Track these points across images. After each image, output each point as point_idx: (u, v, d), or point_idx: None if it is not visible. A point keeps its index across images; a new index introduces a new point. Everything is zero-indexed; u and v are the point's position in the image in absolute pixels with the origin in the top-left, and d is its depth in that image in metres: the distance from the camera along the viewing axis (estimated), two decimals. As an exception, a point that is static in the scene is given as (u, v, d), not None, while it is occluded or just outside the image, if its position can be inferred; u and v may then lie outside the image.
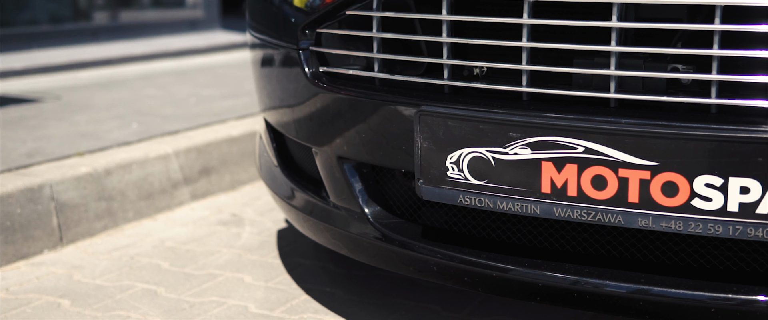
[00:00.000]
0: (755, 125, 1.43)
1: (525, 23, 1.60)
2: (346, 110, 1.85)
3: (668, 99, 1.51)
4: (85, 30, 7.04)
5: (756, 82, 1.46)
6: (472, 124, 1.61)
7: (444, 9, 1.68)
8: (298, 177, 2.17)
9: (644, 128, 1.48)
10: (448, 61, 1.70)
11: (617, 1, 1.51)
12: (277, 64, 2.06)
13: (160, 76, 5.48)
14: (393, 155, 1.78)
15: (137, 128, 3.59)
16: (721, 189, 1.44)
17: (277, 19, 2.05)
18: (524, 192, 1.60)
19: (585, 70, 1.57)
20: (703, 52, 1.47)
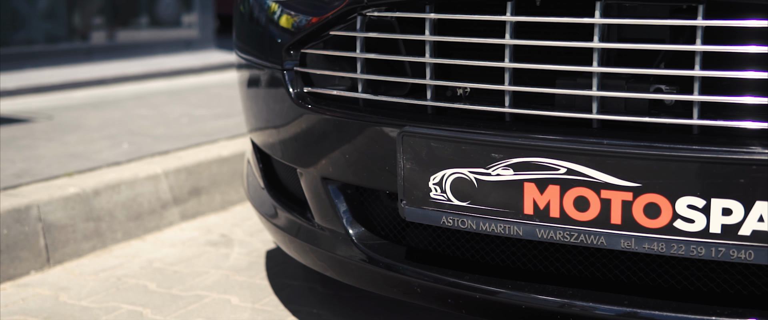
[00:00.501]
0: (737, 146, 1.42)
1: (507, 44, 1.59)
2: (330, 131, 1.84)
3: (650, 120, 1.50)
4: (79, 50, 7.04)
5: (737, 102, 1.46)
6: (455, 144, 1.61)
7: (427, 30, 1.68)
8: (284, 198, 2.16)
9: (626, 149, 1.47)
10: (431, 81, 1.70)
11: (598, 22, 1.51)
12: (262, 85, 2.05)
13: (154, 96, 5.48)
14: (377, 176, 1.77)
15: (128, 148, 3.58)
16: (704, 210, 1.44)
17: (262, 39, 2.04)
18: (507, 213, 1.59)
19: (566, 91, 1.56)
20: (685, 73, 1.47)
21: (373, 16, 1.78)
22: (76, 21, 7.24)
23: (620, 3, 1.58)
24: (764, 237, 1.41)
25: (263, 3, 2.06)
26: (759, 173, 1.39)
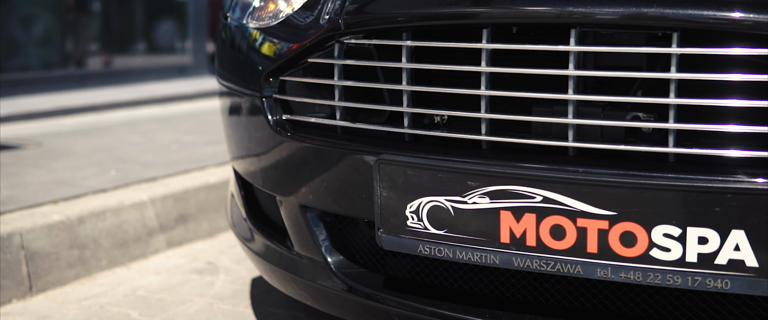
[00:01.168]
0: (712, 174, 1.41)
1: (483, 71, 1.59)
2: (309, 158, 1.83)
3: (625, 148, 1.50)
4: (72, 76, 7.05)
5: (713, 130, 1.45)
6: (431, 172, 1.60)
7: (403, 57, 1.67)
8: (266, 226, 2.15)
9: (601, 177, 1.46)
10: (408, 109, 1.69)
11: (573, 49, 1.51)
12: (242, 113, 2.04)
13: (145, 123, 5.47)
14: (355, 204, 1.76)
15: (115, 175, 3.57)
16: (680, 239, 1.42)
17: (242, 66, 2.04)
18: (483, 241, 1.57)
19: (542, 119, 1.56)
20: (659, 101, 1.46)
21: (351, 44, 1.77)
22: (70, 48, 7.25)
23: (596, 30, 1.58)
24: (740, 266, 1.39)
25: (244, 30, 2.05)
26: (734, 201, 1.38)
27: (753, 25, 1.39)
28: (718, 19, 1.40)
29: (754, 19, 1.39)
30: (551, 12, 1.52)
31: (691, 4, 1.42)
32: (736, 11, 1.40)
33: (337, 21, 1.75)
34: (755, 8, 1.39)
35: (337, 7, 1.78)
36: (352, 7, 1.75)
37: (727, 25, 1.41)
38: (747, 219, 1.38)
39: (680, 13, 1.42)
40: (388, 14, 1.71)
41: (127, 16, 7.90)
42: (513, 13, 1.56)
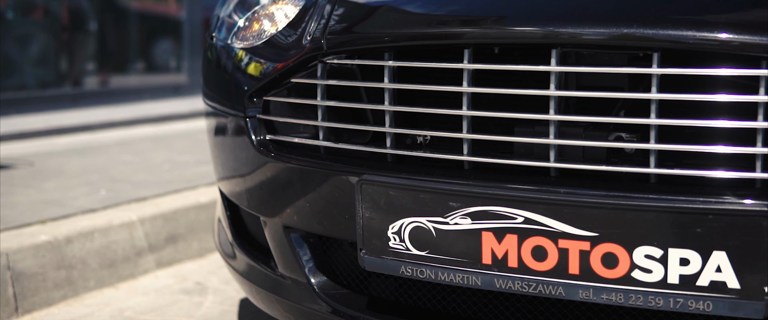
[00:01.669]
0: (693, 195, 1.40)
1: (464, 91, 1.58)
2: (292, 179, 1.82)
3: (606, 168, 1.49)
4: (66, 96, 7.05)
5: (695, 151, 1.44)
6: (413, 193, 1.59)
7: (386, 77, 1.67)
8: (251, 247, 2.14)
9: (582, 198, 1.45)
10: (390, 129, 1.68)
11: (555, 70, 1.50)
12: (227, 133, 2.03)
13: (139, 142, 5.46)
14: (338, 225, 1.75)
15: (105, 195, 3.56)
16: (661, 260, 1.41)
17: (227, 86, 2.03)
18: (465, 263, 1.56)
19: (523, 139, 1.55)
20: (640, 121, 1.46)
21: (334, 64, 1.77)
22: (64, 67, 7.25)
23: (579, 51, 1.58)
24: (722, 287, 1.38)
25: (229, 50, 2.05)
26: (715, 222, 1.37)
27: (734, 46, 1.38)
28: (698, 40, 1.40)
29: (734, 39, 1.38)
30: (532, 32, 1.52)
31: (670, 25, 1.42)
32: (716, 32, 1.39)
33: (320, 41, 1.75)
34: (735, 29, 1.39)
35: (320, 28, 1.78)
36: (335, 28, 1.75)
37: (707, 46, 1.41)
38: (728, 240, 1.37)
39: (660, 33, 1.42)
40: (371, 34, 1.70)
41: (123, 36, 7.92)
42: (494, 33, 1.56)
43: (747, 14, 1.41)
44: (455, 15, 1.63)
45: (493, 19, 1.58)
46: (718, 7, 1.45)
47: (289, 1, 2.01)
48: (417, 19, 1.67)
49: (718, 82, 1.51)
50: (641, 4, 1.48)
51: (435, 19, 1.66)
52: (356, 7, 1.80)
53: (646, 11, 1.45)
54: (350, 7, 1.80)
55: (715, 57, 1.45)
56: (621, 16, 1.46)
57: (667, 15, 1.44)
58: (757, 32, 1.37)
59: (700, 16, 1.43)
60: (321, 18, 1.81)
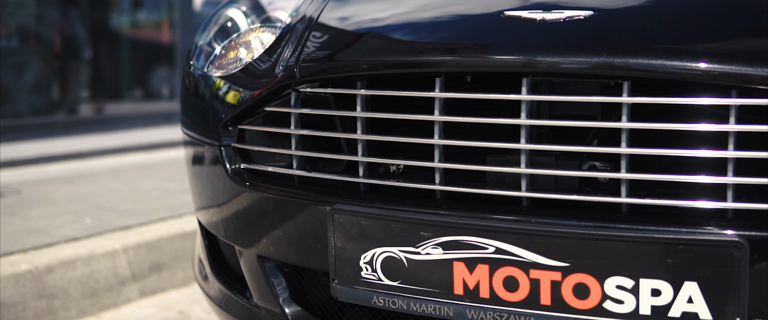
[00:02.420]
0: (664, 225, 1.39)
1: (436, 120, 1.57)
2: (266, 208, 1.81)
3: (576, 198, 1.47)
4: (57, 123, 7.04)
5: (665, 180, 1.43)
6: (385, 222, 1.57)
7: (358, 106, 1.66)
8: (227, 276, 2.12)
9: (553, 228, 1.44)
10: (362, 158, 1.67)
11: (525, 98, 1.49)
12: (203, 162, 2.02)
13: (129, 170, 5.45)
14: (311, 255, 1.73)
15: (90, 223, 3.54)
16: (633, 291, 1.40)
17: (203, 115, 2.02)
18: (437, 293, 1.55)
19: (494, 168, 1.54)
20: (611, 150, 1.44)
21: (308, 92, 1.76)
22: (56, 95, 7.25)
23: (551, 79, 1.57)
24: (694, 318, 1.37)
25: (206, 78, 2.04)
26: (687, 253, 1.36)
27: (704, 75, 1.38)
28: (668, 69, 1.39)
29: (704, 68, 1.37)
30: (502, 61, 1.51)
31: (640, 54, 1.41)
32: (686, 61, 1.39)
33: (293, 69, 1.74)
34: (704, 58, 1.38)
35: (294, 56, 1.77)
36: (308, 56, 1.74)
37: (677, 75, 1.40)
38: (700, 270, 1.36)
39: (629, 62, 1.41)
40: (343, 63, 1.70)
41: (115, 63, 7.92)
42: (465, 61, 1.55)
43: (716, 44, 1.41)
44: (427, 44, 1.63)
45: (464, 48, 1.57)
46: (688, 37, 1.44)
47: (266, 28, 2.00)
48: (389, 48, 1.67)
49: (699, 110, 1.50)
50: (611, 34, 1.47)
51: (406, 47, 1.65)
52: (330, 34, 1.79)
53: (616, 40, 1.45)
54: (324, 35, 1.79)
55: (692, 85, 1.44)
56: (591, 45, 1.46)
57: (637, 44, 1.43)
58: (726, 61, 1.37)
59: (670, 46, 1.42)
60: (295, 46, 1.81)
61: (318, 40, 1.78)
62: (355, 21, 1.81)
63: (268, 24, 2.03)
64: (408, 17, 1.73)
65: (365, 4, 1.88)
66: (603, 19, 1.51)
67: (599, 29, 1.49)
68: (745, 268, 1.33)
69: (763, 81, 1.34)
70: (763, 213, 1.40)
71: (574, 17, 1.52)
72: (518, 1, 1.65)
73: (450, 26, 1.66)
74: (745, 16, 1.46)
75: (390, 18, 1.75)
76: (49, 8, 7.13)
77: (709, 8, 1.50)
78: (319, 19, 1.85)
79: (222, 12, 2.24)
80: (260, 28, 2.02)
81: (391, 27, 1.73)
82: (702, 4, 1.52)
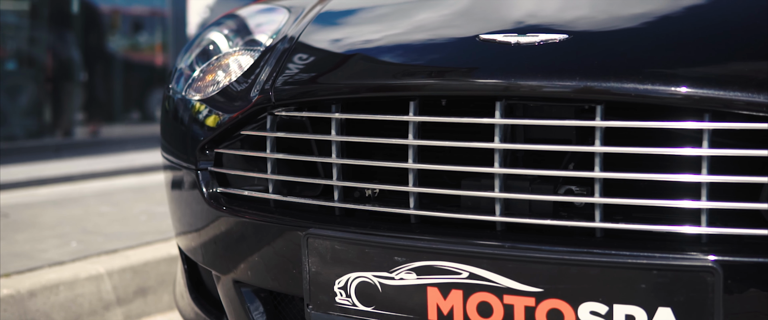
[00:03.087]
0: (637, 250, 1.38)
1: (410, 144, 1.56)
2: (242, 233, 1.79)
3: (550, 222, 1.46)
4: (48, 146, 7.02)
5: (639, 204, 1.42)
6: (359, 247, 1.56)
7: (333, 129, 1.64)
8: (205, 301, 2.10)
9: (527, 253, 1.43)
10: (336, 182, 1.65)
11: (499, 122, 1.48)
12: (181, 186, 2.01)
13: (119, 193, 5.43)
14: (286, 280, 1.71)
15: (76, 247, 3.51)
16: (607, 317, 1.38)
17: (181, 139, 2.01)
18: (411, 319, 1.53)
19: (469, 193, 1.52)
20: (584, 175, 1.43)
21: (284, 116, 1.75)
22: (48, 117, 7.24)
23: (526, 103, 1.56)
24: (668, 345, 1.35)
25: (184, 102, 2.03)
26: (660, 278, 1.35)
27: (677, 99, 1.37)
28: (640, 93, 1.38)
29: (677, 92, 1.36)
30: (475, 85, 1.50)
31: (613, 78, 1.40)
32: (659, 85, 1.38)
33: (269, 93, 1.73)
34: (677, 82, 1.37)
35: (270, 79, 1.76)
36: (283, 79, 1.73)
37: (650, 99, 1.39)
38: (673, 296, 1.34)
39: (602, 86, 1.40)
40: (318, 87, 1.69)
41: (109, 86, 7.92)
42: (438, 85, 1.54)
43: (689, 68, 1.40)
44: (401, 67, 1.62)
45: (438, 72, 1.57)
46: (662, 61, 1.43)
47: (246, 51, 2.00)
48: (363, 71, 1.66)
49: (687, 134, 1.49)
50: (585, 57, 1.46)
51: (380, 71, 1.64)
52: (306, 58, 1.78)
53: (590, 64, 1.44)
54: (300, 58, 1.78)
55: (677, 110, 1.43)
56: (564, 69, 1.45)
57: (610, 68, 1.42)
58: (700, 86, 1.36)
59: (643, 69, 1.41)
60: (272, 69, 1.80)
61: (294, 64, 1.77)
62: (331, 45, 1.80)
63: (248, 47, 2.02)
64: (383, 41, 1.73)
65: (343, 28, 1.88)
66: (577, 43, 1.51)
67: (573, 53, 1.48)
68: (719, 294, 1.32)
69: (732, 104, 1.33)
70: (737, 238, 1.39)
71: (549, 41, 1.52)
72: (495, 24, 1.65)
73: (425, 50, 1.65)
74: (719, 40, 1.45)
75: (365, 42, 1.75)
76: (43, 31, 7.14)
77: (684, 33, 1.49)
78: (296, 42, 1.85)
79: (204, 35, 2.23)
80: (239, 51, 2.01)
81: (366, 50, 1.72)
82: (676, 29, 1.51)
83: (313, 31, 1.87)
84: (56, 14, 7.18)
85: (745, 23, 1.48)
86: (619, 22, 1.57)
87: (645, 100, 1.38)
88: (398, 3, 1.93)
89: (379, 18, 1.86)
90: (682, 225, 1.41)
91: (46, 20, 7.08)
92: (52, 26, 7.19)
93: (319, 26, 1.89)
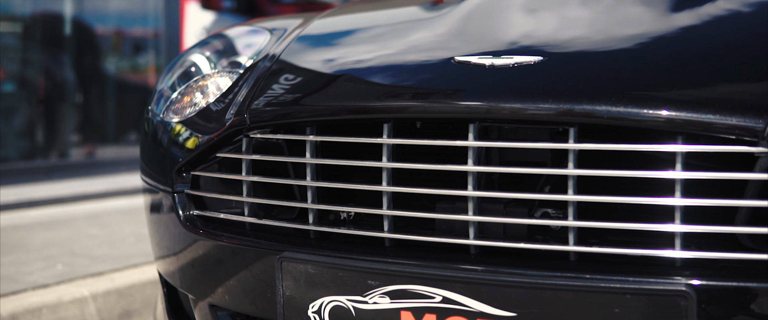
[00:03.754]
0: (611, 274, 1.36)
1: (384, 167, 1.55)
2: (219, 256, 1.77)
3: (523, 246, 1.45)
4: (39, 168, 7.00)
5: (612, 228, 1.40)
6: (332, 271, 1.54)
7: (307, 152, 1.63)
8: (184, 325, 2.08)
9: (500, 276, 1.41)
10: (310, 205, 1.64)
11: (472, 145, 1.47)
12: (159, 210, 1.99)
13: (109, 215, 5.40)
14: (262, 304, 1.69)
15: (61, 270, 3.49)
16: (580, 341, 1.36)
17: (160, 161, 1.99)
18: (385, 343, 1.51)
19: (442, 216, 1.51)
20: (556, 198, 1.42)
21: (260, 138, 1.73)
22: (40, 139, 7.23)
23: (501, 126, 1.55)
24: (642, 370, 1.33)
25: (163, 124, 2.02)
26: (634, 303, 1.33)
27: (649, 122, 1.36)
28: (613, 115, 1.37)
29: (649, 115, 1.35)
30: (449, 107, 1.49)
31: (586, 100, 1.39)
32: (632, 107, 1.37)
33: (244, 115, 1.72)
34: (648, 105, 1.36)
35: (246, 101, 1.75)
36: (258, 102, 1.72)
37: (624, 121, 1.38)
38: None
39: (575, 108, 1.39)
40: (292, 109, 1.68)
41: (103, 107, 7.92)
42: (412, 107, 1.53)
43: (662, 91, 1.39)
44: (374, 90, 1.61)
45: (413, 94, 1.56)
46: (635, 84, 1.43)
47: (225, 73, 1.99)
48: (337, 94, 1.65)
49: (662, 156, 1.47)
50: (558, 80, 1.46)
51: (355, 93, 1.63)
52: (282, 80, 1.77)
53: (563, 86, 1.43)
54: (276, 81, 1.77)
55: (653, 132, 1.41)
56: (537, 91, 1.44)
57: (583, 90, 1.41)
58: (672, 108, 1.35)
59: (616, 92, 1.40)
60: (248, 91, 1.79)
61: (270, 86, 1.76)
62: (307, 67, 1.79)
63: (229, 68, 2.01)
64: (358, 64, 1.72)
65: (320, 51, 1.87)
66: (551, 65, 1.50)
67: (546, 75, 1.48)
68: (693, 319, 1.30)
69: (705, 127, 1.32)
70: (713, 262, 1.37)
71: (524, 63, 1.51)
72: (470, 46, 1.64)
73: (399, 72, 1.64)
74: (692, 64, 1.45)
75: (340, 65, 1.74)
76: (35, 52, 7.14)
77: (657, 56, 1.49)
78: (273, 64, 1.84)
79: (186, 56, 2.22)
80: (218, 73, 2.00)
81: (340, 73, 1.72)
82: (649, 52, 1.51)
83: (291, 54, 1.86)
84: (49, 36, 7.18)
85: (716, 48, 1.48)
86: (593, 44, 1.56)
87: (617, 123, 1.37)
88: (375, 27, 1.93)
89: (355, 41, 1.86)
90: (657, 248, 1.39)
91: (39, 42, 7.08)
92: (45, 48, 7.18)
93: (296, 49, 1.88)
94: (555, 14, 1.76)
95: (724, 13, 1.59)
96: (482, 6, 1.84)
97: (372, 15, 2.11)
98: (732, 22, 1.54)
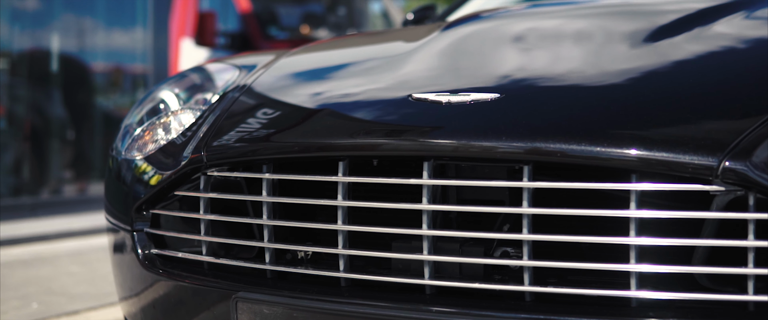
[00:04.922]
0: (567, 314, 1.33)
1: (339, 205, 1.52)
2: (180, 297, 1.75)
3: (478, 286, 1.42)
4: (23, 205, 6.96)
5: (565, 267, 1.38)
6: (288, 311, 1.51)
7: (264, 190, 1.61)
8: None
9: (454, 317, 1.38)
10: (267, 244, 1.61)
11: (427, 183, 1.45)
12: (122, 249, 1.96)
13: (93, 252, 5.36)
14: (219, 345, 1.66)
15: (36, 308, 3.45)
16: (536, 384, 1.33)
17: (123, 199, 1.97)
18: (339, 386, 1.48)
19: (398, 255, 1.48)
20: (512, 237, 1.40)
21: (219, 176, 1.71)
22: (25, 176, 7.20)
23: (458, 163, 1.52)
24: None
25: (126, 162, 1.99)
26: (588, 343, 1.30)
27: (601, 160, 1.34)
28: (567, 154, 1.35)
29: (602, 153, 1.33)
30: (403, 145, 1.47)
31: (540, 138, 1.37)
32: (585, 145, 1.35)
33: (201, 153, 1.70)
34: (601, 143, 1.34)
35: (203, 139, 1.73)
36: (216, 140, 1.70)
37: (579, 159, 1.36)
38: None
39: (529, 146, 1.37)
40: (248, 147, 1.66)
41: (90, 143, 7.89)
42: (366, 145, 1.51)
43: (615, 130, 1.37)
44: (330, 128, 1.59)
45: (369, 132, 1.54)
46: (588, 123, 1.41)
47: (189, 109, 1.97)
48: (294, 131, 1.63)
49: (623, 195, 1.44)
50: (513, 117, 1.44)
51: (311, 130, 1.61)
52: (240, 118, 1.76)
53: (517, 124, 1.41)
54: (235, 118, 1.76)
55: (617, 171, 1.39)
56: (491, 129, 1.42)
57: (537, 128, 1.39)
58: (625, 146, 1.33)
59: (569, 130, 1.38)
60: (208, 128, 1.77)
61: (229, 123, 1.74)
62: (265, 105, 1.78)
63: (193, 105, 1.99)
64: (316, 102, 1.70)
65: (279, 90, 1.85)
66: (508, 103, 1.48)
67: (502, 112, 1.46)
68: (648, 361, 1.27)
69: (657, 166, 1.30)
70: (669, 303, 1.35)
71: (480, 100, 1.49)
72: (429, 83, 1.62)
73: (357, 109, 1.63)
74: (644, 102, 1.44)
75: (299, 103, 1.73)
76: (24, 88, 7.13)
77: (612, 95, 1.48)
78: (234, 102, 1.82)
79: (155, 93, 2.20)
80: (182, 110, 1.98)
81: (297, 111, 1.70)
82: (604, 91, 1.50)
83: (252, 91, 1.84)
84: (35, 72, 7.18)
85: (672, 86, 1.47)
86: (550, 82, 1.55)
87: (571, 161, 1.35)
88: (339, 65, 1.92)
89: (317, 79, 1.85)
90: (613, 289, 1.36)
91: (26, 78, 7.07)
92: (32, 84, 7.18)
93: (258, 86, 1.87)
94: (516, 53, 1.75)
95: (679, 53, 1.58)
96: (443, 45, 1.83)
97: (339, 53, 2.10)
98: (687, 61, 1.53)
